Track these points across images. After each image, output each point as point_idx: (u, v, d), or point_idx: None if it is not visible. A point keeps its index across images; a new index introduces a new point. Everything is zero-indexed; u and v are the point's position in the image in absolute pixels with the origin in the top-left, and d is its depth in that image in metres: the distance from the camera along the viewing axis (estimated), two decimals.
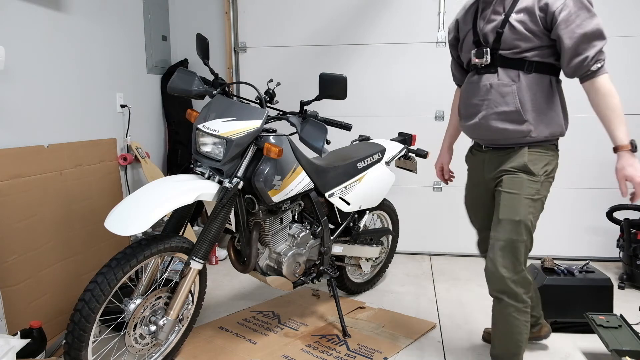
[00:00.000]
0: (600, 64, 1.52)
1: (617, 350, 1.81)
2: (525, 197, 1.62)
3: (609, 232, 3.28)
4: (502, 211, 1.64)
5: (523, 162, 1.63)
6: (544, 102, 1.61)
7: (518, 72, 1.59)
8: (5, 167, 1.90)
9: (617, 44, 3.12)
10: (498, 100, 1.61)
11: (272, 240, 2.11)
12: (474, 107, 1.68)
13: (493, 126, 1.63)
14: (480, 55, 1.63)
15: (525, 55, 1.57)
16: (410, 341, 2.22)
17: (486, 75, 1.64)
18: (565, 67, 1.57)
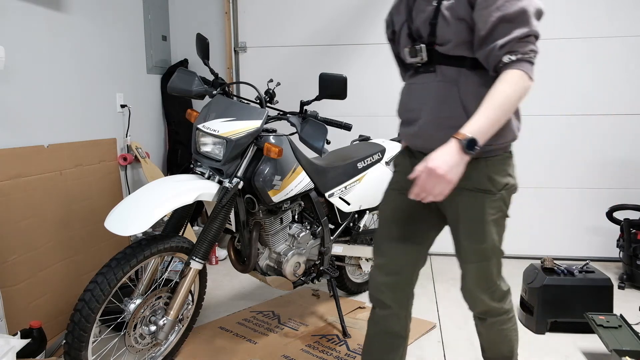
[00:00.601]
0: (515, 56, 1.21)
1: (617, 350, 1.81)
2: (488, 222, 1.36)
3: (609, 232, 3.28)
4: (465, 239, 1.40)
5: (481, 179, 1.33)
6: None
7: (459, 71, 1.30)
8: (5, 167, 1.90)
9: (617, 44, 3.12)
10: (438, 104, 1.32)
11: (272, 240, 2.11)
12: (412, 113, 1.40)
13: (434, 135, 1.33)
14: (414, 53, 1.35)
15: (464, 52, 1.30)
16: (410, 341, 2.22)
17: (424, 75, 1.36)
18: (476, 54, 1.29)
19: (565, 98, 3.22)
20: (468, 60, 1.30)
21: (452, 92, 1.31)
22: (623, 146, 3.21)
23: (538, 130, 3.27)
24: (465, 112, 1.29)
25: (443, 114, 1.32)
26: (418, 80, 1.39)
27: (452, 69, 1.31)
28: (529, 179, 3.33)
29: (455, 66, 1.31)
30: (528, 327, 2.35)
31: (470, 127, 1.19)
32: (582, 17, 3.12)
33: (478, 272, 1.43)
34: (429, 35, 1.32)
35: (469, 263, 1.43)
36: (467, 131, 1.18)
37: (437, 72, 1.33)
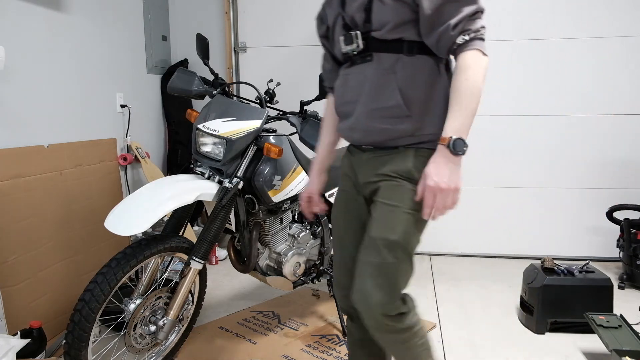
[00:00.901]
0: (468, 36, 1.17)
1: (617, 350, 1.81)
2: (405, 211, 1.24)
3: (609, 232, 3.29)
4: (376, 227, 1.26)
5: (407, 167, 1.26)
6: (431, 93, 1.27)
7: (397, 57, 1.24)
8: (5, 167, 1.90)
9: (617, 43, 3.12)
10: (375, 93, 1.26)
11: (272, 240, 2.11)
12: (349, 105, 1.33)
13: (371, 126, 1.28)
14: (350, 40, 1.28)
15: (402, 34, 1.23)
16: None
17: (361, 65, 1.29)
18: (425, 39, 1.23)
19: (565, 98, 3.22)
20: (405, 45, 1.24)
21: (390, 80, 1.24)
22: (623, 146, 3.21)
23: (538, 130, 3.27)
24: (404, 101, 1.24)
25: (380, 104, 1.26)
26: (354, 71, 1.31)
27: (389, 56, 1.25)
28: (529, 179, 3.33)
29: (392, 52, 1.24)
30: (528, 327, 2.35)
31: (450, 126, 1.16)
32: (582, 17, 3.12)
33: (379, 273, 1.23)
34: (364, 22, 1.26)
35: (370, 257, 1.25)
36: (449, 132, 1.15)
37: (374, 60, 1.26)
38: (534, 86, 3.24)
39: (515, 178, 3.34)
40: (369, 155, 1.34)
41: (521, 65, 3.23)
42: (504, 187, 3.36)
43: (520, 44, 3.20)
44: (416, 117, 1.25)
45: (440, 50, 1.22)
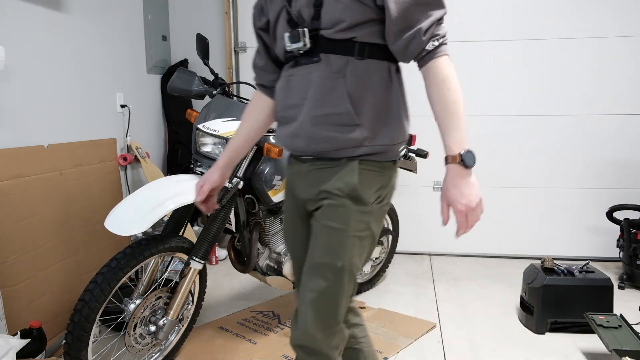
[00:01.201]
0: (437, 41, 1.11)
1: (617, 350, 1.81)
2: (352, 235, 1.16)
3: (609, 232, 3.28)
4: (319, 252, 1.17)
5: (352, 184, 1.16)
6: (383, 99, 1.18)
7: (347, 59, 1.14)
8: (5, 167, 1.90)
9: (617, 44, 3.12)
10: (322, 98, 1.14)
11: (272, 240, 2.11)
12: (291, 110, 1.21)
13: (316, 134, 1.16)
14: (296, 38, 1.15)
15: (354, 34, 1.13)
16: (410, 341, 2.22)
17: (307, 66, 1.17)
18: (392, 44, 1.14)
19: (565, 98, 3.22)
20: (357, 47, 1.14)
21: (339, 84, 1.14)
22: (623, 146, 3.21)
23: (538, 130, 3.27)
24: (354, 108, 1.14)
25: (327, 110, 1.14)
26: (298, 72, 1.19)
27: (338, 58, 1.14)
28: (529, 179, 3.33)
29: (342, 54, 1.14)
30: (528, 327, 2.35)
31: (453, 142, 1.09)
32: (584, 17, 3.12)
33: (322, 299, 1.16)
34: (312, 18, 1.14)
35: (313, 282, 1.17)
36: (456, 148, 1.08)
37: (322, 62, 1.15)
38: (534, 86, 3.24)
39: (515, 178, 3.34)
40: (308, 166, 1.23)
41: (521, 65, 3.23)
42: (504, 187, 3.36)
43: (520, 44, 3.20)
44: (366, 126, 1.15)
45: (407, 55, 1.14)
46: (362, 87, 1.15)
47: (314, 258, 1.18)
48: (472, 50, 3.25)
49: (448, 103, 1.09)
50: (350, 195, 1.16)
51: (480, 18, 3.21)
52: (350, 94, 1.14)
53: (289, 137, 1.22)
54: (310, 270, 1.18)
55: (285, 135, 1.24)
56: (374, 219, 1.20)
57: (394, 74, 1.21)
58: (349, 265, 1.16)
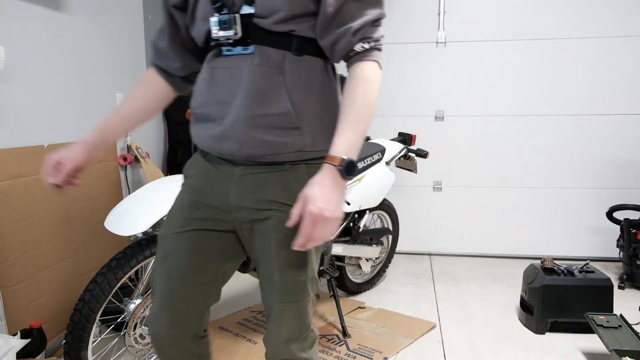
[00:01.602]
0: (368, 44, 1.01)
1: (617, 350, 1.81)
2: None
3: (609, 232, 3.28)
4: (279, 270, 1.08)
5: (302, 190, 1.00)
6: (323, 100, 1.07)
7: (284, 54, 1.01)
8: (5, 167, 1.90)
9: (618, 44, 3.12)
10: (258, 96, 1.01)
11: None
12: (217, 107, 1.05)
13: (251, 137, 1.02)
14: (227, 25, 1.00)
15: (293, 27, 1.01)
16: (410, 341, 2.22)
17: (235, 57, 1.03)
18: (320, 39, 1.04)
19: (566, 98, 3.22)
20: (295, 41, 1.02)
21: (277, 82, 1.01)
22: (623, 146, 3.21)
23: (538, 130, 3.27)
24: (294, 109, 1.02)
25: (264, 110, 1.01)
26: (225, 64, 1.04)
27: (275, 52, 1.01)
28: (529, 179, 3.33)
29: (279, 47, 1.01)
30: (528, 327, 2.35)
31: (342, 145, 0.96)
32: (584, 17, 3.12)
33: (293, 313, 1.12)
34: (243, 3, 1.00)
35: (283, 302, 1.10)
36: (342, 152, 0.95)
37: (256, 54, 1.01)
38: (534, 86, 3.23)
39: (515, 178, 3.34)
40: (242, 170, 1.07)
41: (521, 65, 3.23)
42: (504, 187, 3.36)
43: (520, 44, 3.20)
44: (307, 129, 1.04)
45: (335, 54, 1.04)
46: (301, 86, 1.03)
47: (274, 277, 1.10)
48: (472, 50, 3.25)
49: (357, 105, 0.98)
50: None
51: (480, 18, 3.21)
52: (290, 93, 1.01)
53: (215, 139, 1.06)
54: (272, 286, 1.11)
55: (208, 136, 1.07)
56: None
57: (331, 74, 1.10)
58: (311, 275, 1.12)
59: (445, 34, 3.27)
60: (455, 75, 3.29)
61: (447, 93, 3.32)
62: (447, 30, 3.26)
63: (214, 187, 1.10)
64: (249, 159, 1.05)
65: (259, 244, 1.10)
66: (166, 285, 1.12)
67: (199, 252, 1.12)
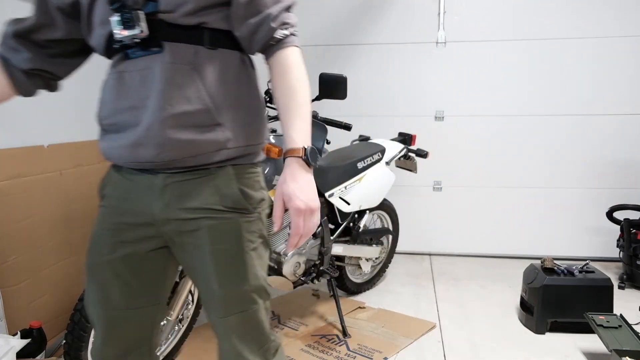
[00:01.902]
0: (287, 30, 1.00)
1: (617, 350, 1.81)
2: (248, 252, 1.02)
3: (609, 232, 3.28)
4: (218, 282, 1.00)
5: (233, 195, 1.00)
6: (242, 94, 1.03)
7: (196, 49, 0.96)
8: (5, 167, 1.90)
9: (618, 44, 3.12)
10: (173, 95, 0.94)
11: (272, 240, 2.11)
12: (128, 114, 0.97)
13: (169, 138, 0.94)
14: (131, 23, 0.93)
15: (204, 19, 0.96)
16: (410, 341, 2.22)
17: (144, 58, 0.96)
18: (237, 30, 0.99)
19: (566, 98, 3.22)
20: (207, 34, 0.97)
21: (192, 78, 0.95)
22: (623, 146, 3.21)
23: (538, 130, 3.27)
24: (214, 105, 0.97)
25: (181, 108, 0.94)
26: (133, 67, 0.97)
27: (187, 48, 0.95)
28: (529, 179, 3.33)
29: (190, 42, 0.96)
30: (528, 327, 2.35)
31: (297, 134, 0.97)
32: (584, 17, 3.12)
33: (244, 326, 1.04)
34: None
35: (229, 315, 1.02)
36: (300, 141, 0.97)
37: (166, 52, 0.94)
38: (534, 86, 3.23)
39: (516, 178, 3.34)
40: (164, 180, 0.99)
41: (521, 65, 3.23)
42: (504, 187, 3.36)
43: (521, 44, 3.20)
44: (227, 125, 0.98)
45: (254, 44, 1.00)
46: (218, 80, 0.98)
47: (214, 290, 1.01)
48: (472, 50, 3.25)
49: (295, 92, 0.99)
50: (234, 208, 1.00)
51: (480, 18, 3.21)
52: (207, 88, 0.96)
53: (130, 147, 0.96)
54: (216, 303, 1.02)
55: (121, 146, 0.98)
56: (262, 225, 1.06)
57: (248, 66, 1.07)
58: (256, 282, 1.03)
59: (445, 34, 3.27)
60: (455, 76, 3.29)
61: (447, 93, 3.32)
62: (447, 30, 3.26)
63: (135, 204, 1.01)
64: (170, 165, 0.97)
65: (192, 258, 1.02)
66: (106, 317, 1.05)
67: (135, 277, 1.04)
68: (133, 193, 1.02)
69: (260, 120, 1.06)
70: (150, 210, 1.00)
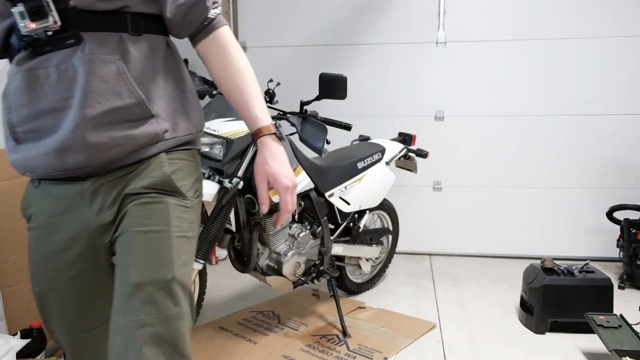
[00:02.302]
0: (218, 9, 0.98)
1: (617, 350, 1.81)
2: (177, 236, 0.89)
3: (609, 232, 3.28)
4: (138, 269, 0.85)
5: (163, 175, 0.91)
6: (174, 81, 0.95)
7: (120, 37, 0.86)
8: (6, 167, 1.90)
9: (618, 43, 3.12)
10: (100, 90, 0.84)
11: (272, 240, 2.11)
12: (48, 117, 0.85)
13: (100, 139, 0.84)
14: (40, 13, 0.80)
15: (125, 3, 0.86)
16: (410, 341, 2.22)
17: (59, 52, 0.84)
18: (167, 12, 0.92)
19: (566, 98, 3.22)
20: (130, 19, 0.87)
21: (119, 70, 0.85)
22: (623, 146, 3.21)
23: (538, 130, 3.27)
24: (146, 95, 0.89)
25: (112, 104, 0.85)
26: (46, 63, 0.84)
27: (108, 36, 0.85)
28: (529, 179, 3.33)
29: (112, 30, 0.85)
30: (528, 327, 2.35)
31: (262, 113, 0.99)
32: (585, 17, 3.12)
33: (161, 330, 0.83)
34: None
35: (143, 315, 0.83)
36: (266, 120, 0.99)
37: (85, 43, 0.83)
38: (534, 86, 3.23)
39: (516, 178, 3.34)
40: (92, 184, 0.89)
41: (521, 65, 3.23)
42: (504, 187, 3.36)
43: (520, 44, 3.20)
44: (163, 116, 0.91)
45: (186, 26, 0.95)
46: (147, 69, 0.90)
47: (130, 280, 0.84)
48: (472, 50, 3.25)
49: (244, 71, 0.99)
50: (164, 189, 0.91)
51: (480, 18, 3.21)
52: (137, 78, 0.88)
53: (55, 155, 0.84)
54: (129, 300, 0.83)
55: (45, 154, 0.85)
56: (195, 217, 0.96)
57: (175, 50, 0.99)
58: (182, 275, 0.88)
59: (445, 34, 3.27)
60: (455, 76, 3.29)
61: (447, 93, 3.32)
62: (447, 30, 3.26)
63: (66, 219, 0.90)
64: (103, 167, 0.87)
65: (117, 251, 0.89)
66: (71, 342, 0.97)
67: (88, 296, 0.95)
68: (61, 207, 0.90)
69: (195, 106, 1.00)
70: (85, 221, 0.89)
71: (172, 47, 0.97)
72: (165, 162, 0.92)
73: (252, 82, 0.99)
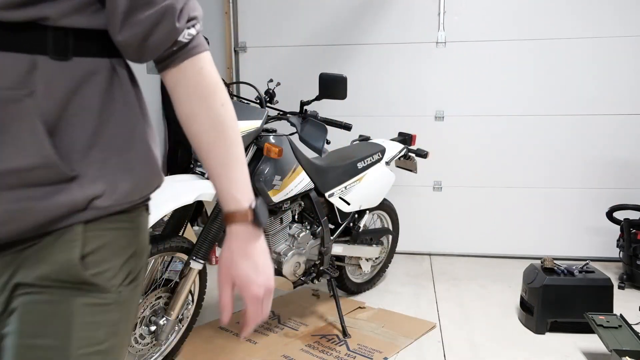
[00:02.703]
0: (195, 29, 0.70)
1: (617, 350, 1.81)
2: (81, 353, 0.65)
3: (609, 232, 3.28)
4: None
5: (69, 262, 0.64)
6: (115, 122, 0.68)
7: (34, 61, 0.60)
8: None
9: (618, 44, 3.12)
10: None
11: (272, 240, 2.11)
12: None
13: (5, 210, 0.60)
14: None
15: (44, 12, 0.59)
16: (410, 341, 2.22)
17: None
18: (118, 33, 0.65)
19: (566, 98, 3.22)
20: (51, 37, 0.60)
21: (22, 111, 0.59)
22: (623, 146, 3.21)
23: (538, 130, 3.27)
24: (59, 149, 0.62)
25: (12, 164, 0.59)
26: None
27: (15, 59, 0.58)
28: (529, 179, 3.33)
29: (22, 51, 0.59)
30: (528, 327, 2.35)
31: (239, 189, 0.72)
32: (586, 17, 3.12)
33: None
34: None
35: None
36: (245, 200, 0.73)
37: None
38: (534, 86, 3.23)
39: (516, 178, 3.34)
40: None
41: (521, 65, 3.23)
42: (504, 187, 3.36)
43: (521, 44, 3.20)
44: (93, 174, 0.65)
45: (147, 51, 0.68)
46: (74, 108, 0.63)
47: None
48: (472, 50, 3.25)
49: (224, 124, 0.71)
50: (69, 281, 0.64)
51: (480, 18, 3.21)
52: (49, 123, 0.61)
53: None
54: None
55: None
56: (124, 314, 0.70)
57: (125, 78, 0.72)
58: None
59: (445, 34, 3.27)
60: (455, 76, 3.29)
61: (447, 93, 3.32)
62: (447, 30, 3.26)
63: None
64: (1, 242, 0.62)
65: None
66: None
67: None
68: None
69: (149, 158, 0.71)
70: None
71: (119, 74, 0.70)
72: (78, 239, 0.64)
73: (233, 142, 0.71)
